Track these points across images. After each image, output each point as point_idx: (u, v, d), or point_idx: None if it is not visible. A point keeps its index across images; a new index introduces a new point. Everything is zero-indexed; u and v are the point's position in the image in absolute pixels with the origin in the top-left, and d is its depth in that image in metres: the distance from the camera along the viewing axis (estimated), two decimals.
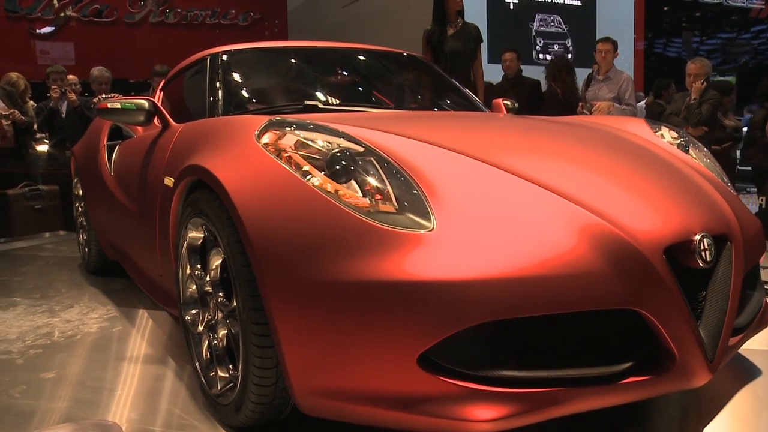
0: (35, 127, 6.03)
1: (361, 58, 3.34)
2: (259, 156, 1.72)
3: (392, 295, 1.42)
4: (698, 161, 2.24)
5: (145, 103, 2.70)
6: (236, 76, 2.88)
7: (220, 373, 1.89)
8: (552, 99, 5.76)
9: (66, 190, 6.14)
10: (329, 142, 1.70)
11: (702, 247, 1.62)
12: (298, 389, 1.56)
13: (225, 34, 10.86)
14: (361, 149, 1.68)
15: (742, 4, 14.42)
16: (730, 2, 14.18)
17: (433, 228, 1.49)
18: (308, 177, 1.60)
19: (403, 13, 10.11)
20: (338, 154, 1.65)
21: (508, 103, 3.32)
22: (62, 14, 9.97)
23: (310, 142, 1.70)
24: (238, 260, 1.67)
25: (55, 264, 4.48)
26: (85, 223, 4.06)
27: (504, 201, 1.61)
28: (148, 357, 2.49)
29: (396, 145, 1.77)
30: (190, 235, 2.02)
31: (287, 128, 1.78)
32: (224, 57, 2.92)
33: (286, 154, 1.68)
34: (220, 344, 1.88)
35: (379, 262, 1.45)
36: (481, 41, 5.30)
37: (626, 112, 5.46)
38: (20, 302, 3.39)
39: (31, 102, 6.28)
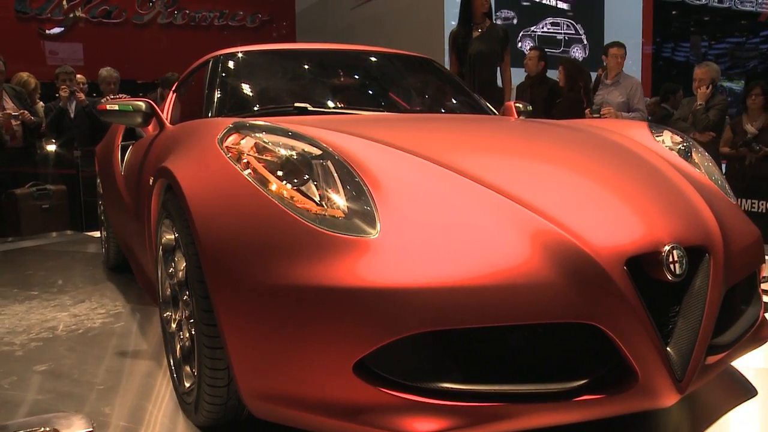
0: (44, 127, 6.06)
1: (362, 60, 3.33)
2: (218, 159, 1.73)
3: (330, 301, 1.41)
4: (697, 168, 2.17)
5: (142, 105, 2.74)
6: (233, 79, 2.91)
7: (187, 372, 1.91)
8: (564, 102, 5.72)
9: (72, 190, 6.19)
10: (289, 145, 1.69)
11: (671, 259, 1.53)
12: (245, 392, 1.56)
13: (233, 36, 10.88)
14: (320, 152, 1.67)
15: (751, 9, 14.36)
16: (739, 6, 14.12)
17: (376, 234, 1.47)
18: (261, 180, 1.60)
19: (412, 16, 10.12)
20: (295, 157, 1.65)
21: (520, 105, 3.26)
22: (71, 15, 10.02)
23: (269, 145, 1.70)
24: (192, 261, 1.69)
25: (81, 260, 4.56)
26: (104, 221, 4.16)
27: (456, 207, 1.57)
28: (141, 353, 2.53)
29: (358, 148, 1.75)
30: (165, 236, 2.04)
31: (249, 131, 1.78)
32: (224, 59, 2.96)
33: (244, 157, 1.68)
34: (186, 344, 1.90)
35: (319, 267, 1.44)
36: (509, 42, 5.27)
37: (636, 118, 5.43)
38: (37, 296, 3.48)
39: (41, 103, 6.31)
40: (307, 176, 1.59)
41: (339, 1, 11.79)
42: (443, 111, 3.21)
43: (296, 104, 2.63)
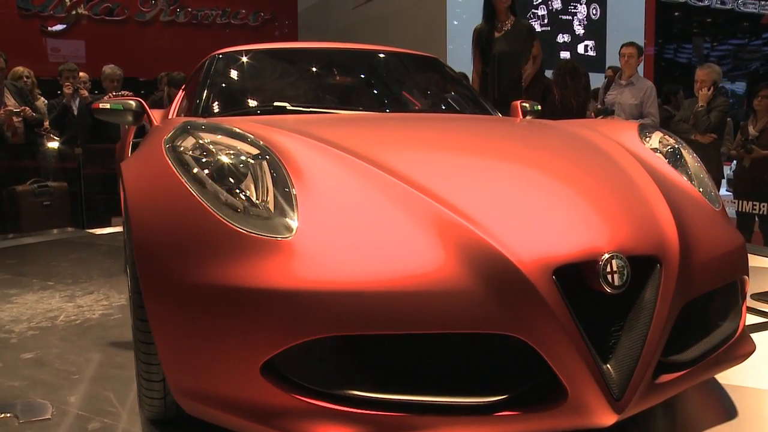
0: (46, 123, 6.07)
1: (353, 58, 3.33)
2: (159, 158, 1.74)
3: (240, 302, 1.42)
4: (684, 172, 2.06)
5: (132, 104, 2.78)
6: (223, 78, 2.94)
7: None
8: (551, 102, 5.68)
9: (74, 187, 6.19)
10: (229, 146, 1.71)
11: (608, 269, 1.42)
12: (173, 388, 1.58)
13: (235, 34, 10.89)
14: (257, 152, 1.69)
15: (754, 11, 14.36)
16: (741, 8, 14.12)
17: (291, 236, 1.47)
18: (195, 180, 1.61)
19: (413, 15, 10.12)
20: (232, 158, 1.66)
21: (527, 105, 3.21)
22: (74, 12, 10.02)
23: (210, 145, 1.71)
24: (131, 258, 1.73)
25: (105, 253, 4.61)
26: None
27: (379, 210, 1.54)
28: (124, 345, 2.57)
29: (299, 149, 1.76)
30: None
31: (194, 131, 1.79)
32: (218, 59, 3.01)
33: (183, 157, 1.70)
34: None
35: (235, 267, 1.45)
36: (535, 39, 5.09)
37: (647, 122, 5.37)
38: (52, 286, 3.57)
39: (42, 99, 6.32)
40: (240, 177, 1.61)
41: (341, 1, 11.79)
42: (436, 111, 3.18)
43: (275, 103, 2.67)
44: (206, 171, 1.63)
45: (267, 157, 1.67)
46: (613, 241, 1.49)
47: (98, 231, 5.64)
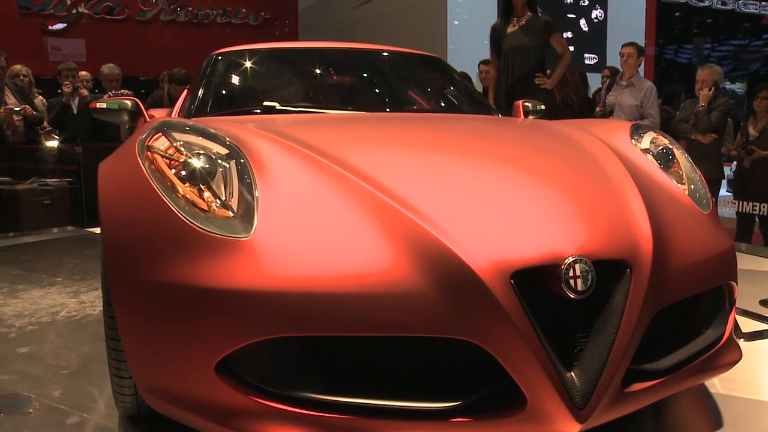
0: (45, 122, 6.06)
1: (346, 57, 3.33)
2: (131, 158, 1.75)
3: (197, 301, 1.43)
4: (674, 174, 2.01)
5: (128, 103, 2.81)
6: (218, 78, 2.96)
7: None
8: (552, 103, 5.62)
9: (74, 186, 6.18)
10: (200, 146, 1.72)
11: (571, 274, 1.38)
12: (139, 384, 1.60)
13: (236, 34, 10.88)
14: (227, 152, 1.70)
15: (755, 11, 14.34)
16: (742, 9, 14.11)
17: (248, 236, 1.47)
18: (162, 181, 1.61)
19: (414, 15, 10.11)
20: (201, 159, 1.66)
21: (529, 104, 3.18)
22: (74, 11, 10.01)
23: (181, 146, 1.72)
24: (102, 255, 1.75)
25: None
26: None
27: (339, 212, 1.52)
28: None
29: (269, 150, 1.77)
30: None
31: (169, 131, 1.80)
32: (214, 59, 3.02)
33: (154, 157, 1.70)
34: None
35: (194, 267, 1.46)
36: (551, 33, 4.96)
37: (646, 123, 5.32)
38: (59, 282, 3.63)
39: (40, 97, 6.31)
40: (208, 178, 1.62)
41: (341, 0, 11.78)
42: (434, 111, 3.16)
43: (266, 103, 2.70)
44: (176, 171, 1.64)
45: (236, 158, 1.68)
46: (578, 244, 1.44)
47: (98, 230, 5.62)
